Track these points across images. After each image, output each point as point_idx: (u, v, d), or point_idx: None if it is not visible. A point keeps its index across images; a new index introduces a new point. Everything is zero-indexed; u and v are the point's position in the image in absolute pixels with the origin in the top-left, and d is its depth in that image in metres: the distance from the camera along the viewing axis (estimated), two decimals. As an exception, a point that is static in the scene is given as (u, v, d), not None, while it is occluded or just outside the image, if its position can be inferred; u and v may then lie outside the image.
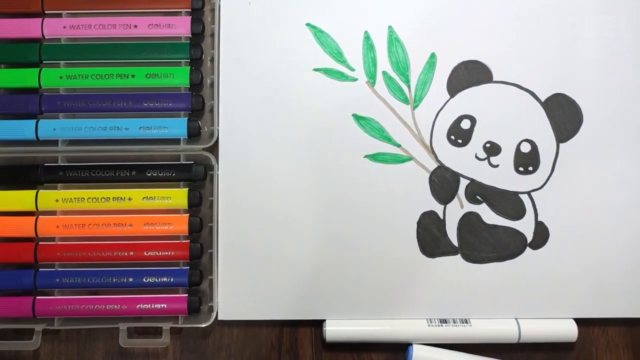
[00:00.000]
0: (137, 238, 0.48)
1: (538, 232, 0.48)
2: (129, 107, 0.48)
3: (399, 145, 0.49)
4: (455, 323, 0.47)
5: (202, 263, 0.48)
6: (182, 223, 0.47)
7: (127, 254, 0.47)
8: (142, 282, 0.47)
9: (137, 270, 0.47)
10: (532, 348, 0.48)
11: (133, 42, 0.49)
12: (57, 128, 0.48)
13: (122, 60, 0.48)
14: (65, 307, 0.47)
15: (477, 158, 0.49)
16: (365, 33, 0.49)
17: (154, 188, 0.48)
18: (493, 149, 0.49)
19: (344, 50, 0.49)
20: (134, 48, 0.48)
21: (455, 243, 0.48)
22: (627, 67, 0.49)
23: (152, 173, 0.48)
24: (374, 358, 0.48)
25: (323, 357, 0.48)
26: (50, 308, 0.47)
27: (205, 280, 0.48)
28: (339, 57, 0.49)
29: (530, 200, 0.48)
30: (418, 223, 0.48)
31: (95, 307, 0.47)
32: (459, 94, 0.49)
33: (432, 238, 0.48)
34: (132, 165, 0.48)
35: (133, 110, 0.48)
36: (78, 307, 0.47)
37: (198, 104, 0.48)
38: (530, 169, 0.49)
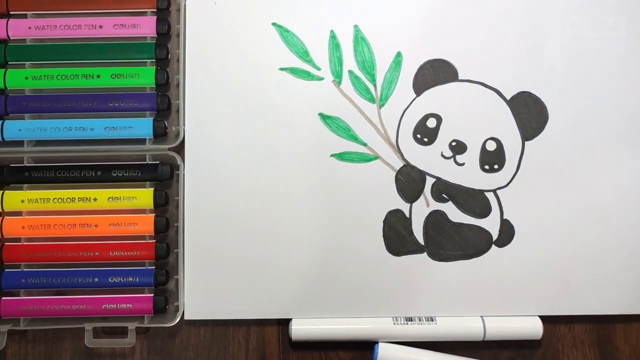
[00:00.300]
0: (102, 238, 0.48)
1: (503, 230, 0.48)
2: (95, 107, 0.48)
3: (365, 144, 0.49)
4: (421, 321, 0.47)
5: (168, 263, 0.48)
6: (147, 223, 0.47)
7: (92, 254, 0.47)
8: (107, 282, 0.47)
9: (102, 271, 0.47)
10: (499, 345, 0.49)
11: (98, 42, 0.49)
12: (22, 129, 0.48)
13: (87, 61, 0.48)
14: (31, 307, 0.47)
15: (443, 156, 0.49)
16: (331, 32, 0.49)
17: (120, 188, 0.48)
18: (459, 148, 0.49)
19: (310, 50, 0.49)
20: (100, 48, 0.49)
21: (421, 241, 0.48)
22: (592, 65, 0.49)
23: (117, 173, 0.48)
24: (341, 356, 0.49)
25: (290, 356, 0.49)
26: (16, 308, 0.47)
27: (172, 280, 0.48)
28: (305, 56, 0.49)
29: (496, 198, 0.49)
30: (384, 221, 0.48)
31: (61, 307, 0.47)
32: (425, 93, 0.49)
33: (398, 236, 0.48)
34: (97, 166, 0.48)
35: (98, 111, 0.48)
36: (44, 307, 0.47)
37: (164, 104, 0.48)
38: (496, 167, 0.49)
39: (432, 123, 0.49)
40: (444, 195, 0.49)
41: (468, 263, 0.48)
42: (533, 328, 0.47)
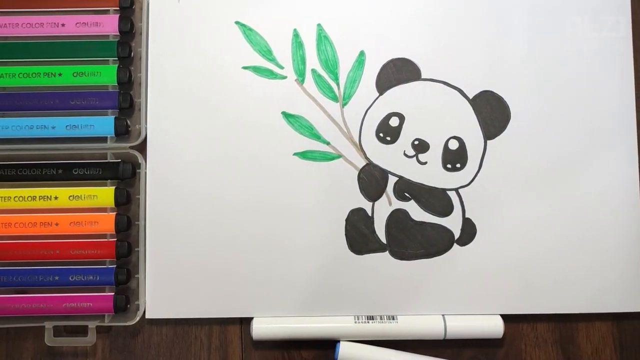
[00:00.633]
0: (63, 237, 0.47)
1: (465, 228, 0.48)
2: (56, 105, 0.48)
3: (328, 143, 0.49)
4: (382, 320, 0.47)
5: (130, 262, 0.48)
6: (108, 221, 0.47)
7: (53, 253, 0.47)
8: (68, 280, 0.47)
9: (63, 269, 0.47)
10: (461, 344, 0.49)
11: (61, 40, 0.49)
12: (-17, 127, 0.48)
13: (49, 59, 0.48)
14: (-9, 306, 0.47)
15: (405, 155, 0.49)
16: (295, 31, 0.49)
17: (81, 187, 0.48)
18: (421, 146, 0.49)
19: (273, 48, 0.49)
20: (62, 47, 0.48)
21: (384, 240, 0.48)
22: (554, 64, 0.49)
23: (78, 171, 0.48)
24: (304, 356, 0.48)
25: (252, 355, 0.48)
26: (-24, 307, 0.47)
27: (133, 279, 0.48)
28: (268, 55, 0.49)
29: (458, 197, 0.49)
30: (346, 220, 0.48)
31: (22, 306, 0.47)
32: (388, 92, 0.49)
33: (360, 235, 0.48)
34: (58, 164, 0.48)
35: (60, 109, 0.48)
36: (4, 306, 0.47)
37: (126, 102, 0.48)
38: (458, 166, 0.49)
39: (394, 122, 0.49)
40: (407, 194, 0.49)
41: (430, 262, 0.48)
42: (494, 327, 0.47)
